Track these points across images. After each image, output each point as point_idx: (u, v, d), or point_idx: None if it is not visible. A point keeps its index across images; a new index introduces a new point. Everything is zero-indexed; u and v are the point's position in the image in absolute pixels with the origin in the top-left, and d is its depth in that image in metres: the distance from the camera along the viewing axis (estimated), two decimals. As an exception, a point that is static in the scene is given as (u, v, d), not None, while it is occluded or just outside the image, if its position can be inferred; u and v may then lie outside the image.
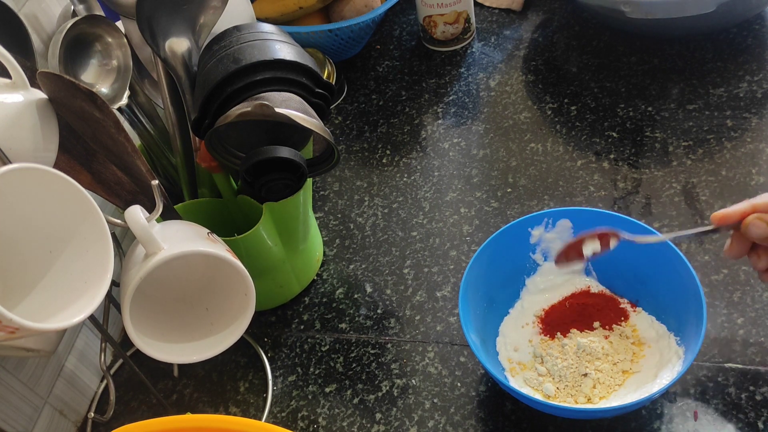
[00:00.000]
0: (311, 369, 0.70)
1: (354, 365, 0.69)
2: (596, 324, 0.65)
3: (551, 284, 0.68)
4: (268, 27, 0.63)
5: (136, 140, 0.73)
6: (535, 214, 0.66)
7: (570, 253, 0.60)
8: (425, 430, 0.63)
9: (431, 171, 0.85)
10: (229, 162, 0.65)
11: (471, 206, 0.80)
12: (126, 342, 0.75)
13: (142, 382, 0.68)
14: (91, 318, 0.57)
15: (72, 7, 0.70)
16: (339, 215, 0.83)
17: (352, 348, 0.71)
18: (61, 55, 0.63)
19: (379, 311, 0.73)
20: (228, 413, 0.69)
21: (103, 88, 0.69)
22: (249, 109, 0.57)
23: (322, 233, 0.81)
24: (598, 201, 0.77)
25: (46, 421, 0.66)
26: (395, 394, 0.66)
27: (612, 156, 0.80)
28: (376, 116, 0.94)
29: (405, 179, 0.85)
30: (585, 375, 0.61)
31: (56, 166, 0.54)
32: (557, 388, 0.61)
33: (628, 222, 0.63)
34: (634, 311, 0.65)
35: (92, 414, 0.65)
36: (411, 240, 0.78)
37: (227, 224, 0.72)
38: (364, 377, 0.68)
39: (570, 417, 0.61)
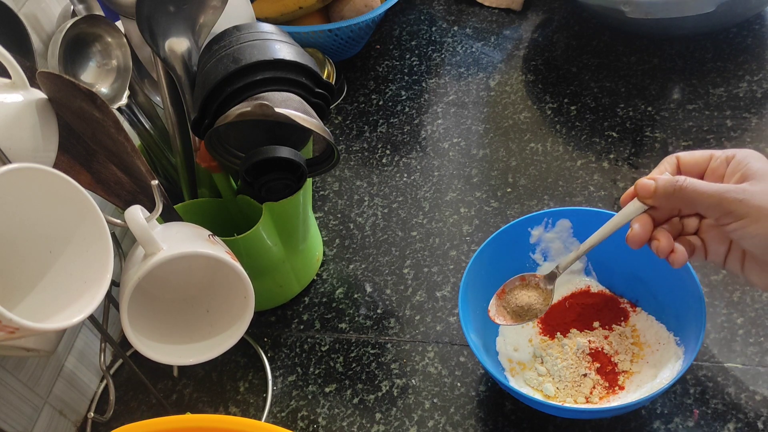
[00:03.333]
0: (311, 369, 0.70)
1: (354, 365, 0.69)
2: (596, 324, 0.65)
3: (551, 284, 0.68)
4: (267, 27, 0.63)
5: (136, 140, 0.73)
6: (534, 214, 0.66)
7: (501, 307, 0.60)
8: (425, 430, 0.63)
9: (431, 171, 0.85)
10: (229, 162, 0.65)
11: (471, 206, 0.80)
12: (126, 342, 0.75)
13: (142, 382, 0.68)
14: (91, 318, 0.57)
15: (72, 7, 0.70)
16: (339, 215, 0.83)
17: (352, 348, 0.71)
18: (61, 55, 0.63)
19: (379, 311, 0.73)
20: (228, 413, 0.69)
21: (103, 88, 0.69)
22: (249, 109, 0.57)
23: (322, 233, 0.81)
24: (597, 201, 0.77)
25: (45, 421, 0.66)
26: (395, 394, 0.66)
27: (612, 156, 0.80)
28: (376, 116, 0.94)
29: (405, 179, 0.85)
30: (585, 375, 0.61)
31: (56, 166, 0.54)
32: (557, 388, 0.61)
33: (628, 222, 0.63)
34: (634, 311, 0.65)
35: (92, 414, 0.65)
36: (411, 240, 0.78)
37: (227, 224, 0.72)
38: (364, 377, 0.68)
39: (570, 417, 0.61)
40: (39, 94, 0.54)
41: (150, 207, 0.55)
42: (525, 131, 0.86)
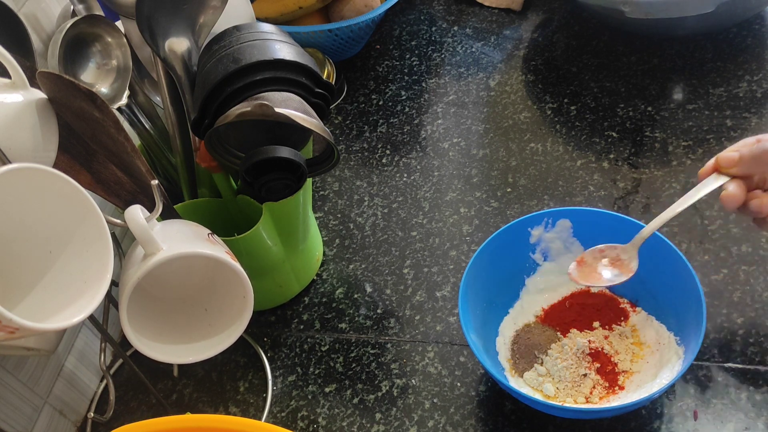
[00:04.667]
0: (311, 369, 0.70)
1: (354, 365, 0.69)
2: (596, 324, 0.65)
3: (551, 284, 0.68)
4: (267, 27, 0.63)
5: (136, 140, 0.73)
6: (534, 213, 0.66)
7: (587, 272, 0.60)
8: (425, 430, 0.63)
9: (431, 171, 0.85)
10: (229, 162, 0.65)
11: (471, 206, 0.80)
12: (126, 342, 0.75)
13: (142, 382, 0.68)
14: (91, 318, 0.57)
15: (71, 7, 0.70)
16: (339, 215, 0.83)
17: (352, 348, 0.71)
18: (61, 55, 0.63)
19: (378, 311, 0.73)
20: (228, 413, 0.69)
21: (103, 88, 0.69)
22: (249, 109, 0.57)
23: (322, 233, 0.81)
24: (597, 201, 0.77)
25: (45, 421, 0.66)
26: (395, 394, 0.66)
27: (612, 156, 0.80)
28: (376, 116, 0.94)
29: (405, 179, 0.85)
30: (585, 375, 0.61)
31: (56, 166, 0.54)
32: (557, 388, 0.61)
33: (628, 222, 0.63)
34: (634, 311, 0.65)
35: (92, 414, 0.65)
36: (411, 240, 0.78)
37: (227, 224, 0.72)
38: (363, 377, 0.68)
39: (570, 417, 0.61)
40: (39, 94, 0.54)
41: (150, 207, 0.55)
42: (525, 131, 0.86)
